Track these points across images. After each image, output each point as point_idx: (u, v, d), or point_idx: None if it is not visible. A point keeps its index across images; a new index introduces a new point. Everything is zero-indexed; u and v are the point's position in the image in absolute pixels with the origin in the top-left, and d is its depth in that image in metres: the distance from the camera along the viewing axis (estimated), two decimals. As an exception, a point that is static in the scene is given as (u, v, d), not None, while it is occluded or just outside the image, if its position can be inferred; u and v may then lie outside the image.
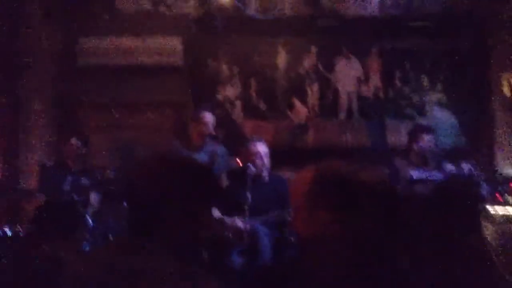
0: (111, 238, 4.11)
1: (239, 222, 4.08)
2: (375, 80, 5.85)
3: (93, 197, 4.61)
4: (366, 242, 1.53)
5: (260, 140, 4.36)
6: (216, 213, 4.30)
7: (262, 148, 4.27)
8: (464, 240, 2.12)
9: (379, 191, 2.04)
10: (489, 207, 4.08)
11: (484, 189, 4.05)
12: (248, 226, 3.98)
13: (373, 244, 1.56)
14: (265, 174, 4.29)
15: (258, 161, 4.21)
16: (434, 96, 5.80)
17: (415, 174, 4.32)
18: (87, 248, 4.08)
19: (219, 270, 3.64)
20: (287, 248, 4.11)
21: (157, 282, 1.34)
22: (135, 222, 1.45)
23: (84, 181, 4.84)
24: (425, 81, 5.81)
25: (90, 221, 4.22)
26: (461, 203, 2.20)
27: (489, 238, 3.58)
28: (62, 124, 6.00)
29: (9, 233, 4.03)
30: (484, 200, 4.06)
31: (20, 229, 4.14)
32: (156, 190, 1.44)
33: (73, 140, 5.17)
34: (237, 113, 5.95)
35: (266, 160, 4.28)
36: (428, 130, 4.90)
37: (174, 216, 1.44)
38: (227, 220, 4.16)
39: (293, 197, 1.60)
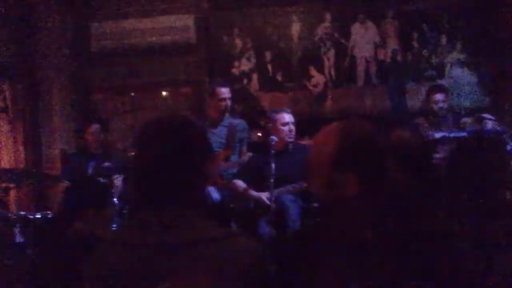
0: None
1: (264, 196, 4.13)
2: (393, 43, 5.74)
3: (117, 179, 4.64)
4: (393, 202, 1.50)
5: (287, 111, 4.40)
6: (242, 184, 4.33)
7: (290, 117, 4.31)
8: (495, 196, 2.10)
9: (406, 150, 2.01)
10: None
11: (510, 145, 3.96)
12: (273, 199, 3.98)
13: (401, 204, 1.53)
14: (291, 144, 4.33)
15: (288, 131, 4.25)
16: (454, 56, 5.67)
17: (435, 133, 4.25)
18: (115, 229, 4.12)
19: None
20: (313, 216, 4.13)
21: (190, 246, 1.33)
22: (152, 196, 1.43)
23: (107, 164, 4.87)
24: (444, 42, 5.68)
25: (116, 202, 4.26)
26: (488, 159, 2.16)
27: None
28: (82, 109, 6.04)
29: (38, 215, 4.09)
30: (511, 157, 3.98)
31: (49, 212, 4.20)
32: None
33: (93, 125, 5.20)
34: (254, 86, 5.91)
35: (294, 130, 4.32)
36: (440, 89, 4.83)
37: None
38: (253, 193, 4.22)
39: (317, 158, 1.53)
